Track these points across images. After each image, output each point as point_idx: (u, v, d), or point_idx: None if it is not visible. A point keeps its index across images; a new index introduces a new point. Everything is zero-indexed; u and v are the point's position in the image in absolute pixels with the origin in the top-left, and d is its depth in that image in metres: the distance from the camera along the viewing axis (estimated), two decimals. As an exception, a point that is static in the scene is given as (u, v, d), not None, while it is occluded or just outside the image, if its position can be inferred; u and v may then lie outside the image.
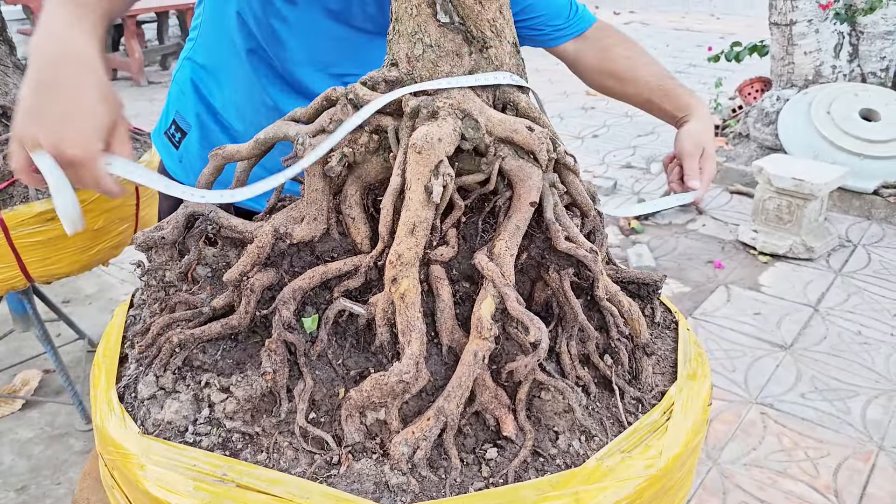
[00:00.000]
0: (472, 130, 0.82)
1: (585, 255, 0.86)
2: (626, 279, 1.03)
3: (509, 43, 0.87)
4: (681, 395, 0.89)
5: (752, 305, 2.91)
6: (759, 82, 4.75)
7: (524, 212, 0.83)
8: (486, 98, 0.86)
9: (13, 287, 1.80)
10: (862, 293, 2.99)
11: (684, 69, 7.10)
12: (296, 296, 0.84)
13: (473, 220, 0.89)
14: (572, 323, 0.87)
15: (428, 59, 0.85)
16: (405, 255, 0.80)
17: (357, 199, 0.89)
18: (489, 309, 0.80)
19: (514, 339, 0.84)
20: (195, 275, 0.97)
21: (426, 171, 0.79)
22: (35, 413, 2.30)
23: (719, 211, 3.82)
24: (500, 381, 0.83)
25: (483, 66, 0.86)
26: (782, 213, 3.28)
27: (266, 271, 0.87)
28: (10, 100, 1.81)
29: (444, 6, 0.84)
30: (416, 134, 0.79)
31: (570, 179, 0.89)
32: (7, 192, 1.69)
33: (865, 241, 3.46)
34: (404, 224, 0.80)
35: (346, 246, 0.90)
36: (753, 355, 2.58)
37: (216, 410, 0.81)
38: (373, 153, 0.87)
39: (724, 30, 9.12)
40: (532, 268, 0.91)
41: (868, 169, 3.70)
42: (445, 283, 0.85)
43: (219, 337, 0.86)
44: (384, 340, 0.84)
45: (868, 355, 2.58)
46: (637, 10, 10.97)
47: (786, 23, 4.21)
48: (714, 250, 3.38)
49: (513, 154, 0.84)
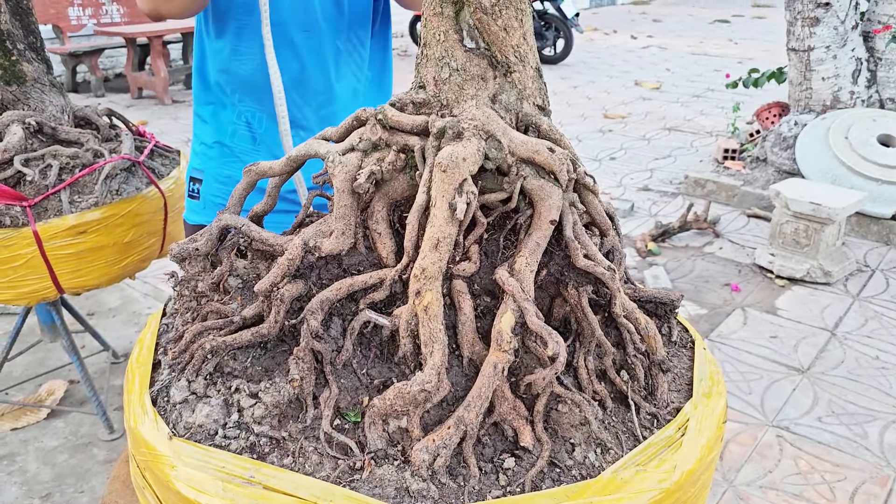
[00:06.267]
0: (496, 151, 0.85)
1: (603, 272, 0.89)
2: (644, 298, 1.06)
3: (532, 68, 0.91)
4: (696, 412, 0.91)
5: (769, 329, 2.91)
6: (776, 107, 4.76)
7: (544, 230, 0.86)
8: (510, 120, 0.90)
9: (44, 297, 1.85)
10: (880, 318, 2.98)
11: (702, 93, 7.13)
12: (323, 306, 0.88)
13: (495, 236, 0.92)
14: (590, 338, 0.90)
15: (454, 82, 0.89)
16: (429, 269, 0.83)
17: (384, 215, 0.93)
18: (509, 323, 0.83)
19: (533, 352, 0.87)
20: (227, 285, 1.01)
21: (451, 189, 0.82)
22: (60, 422, 2.35)
23: (736, 234, 3.83)
24: (519, 393, 0.86)
25: (507, 90, 0.90)
26: (799, 237, 3.28)
27: (295, 283, 0.91)
28: (48, 116, 1.88)
29: (471, 32, 0.88)
30: (442, 153, 0.83)
31: (589, 199, 0.92)
32: (42, 206, 1.74)
33: (884, 267, 3.45)
34: (429, 239, 0.83)
35: (372, 259, 0.94)
36: (770, 378, 2.58)
37: (245, 415, 0.84)
38: (399, 171, 0.90)
39: (742, 54, 9.16)
40: (551, 284, 0.93)
41: (886, 194, 3.70)
42: (467, 297, 0.88)
43: (249, 345, 0.90)
44: (407, 351, 0.87)
45: (885, 380, 2.57)
46: (655, 35, 11.03)
47: (804, 49, 4.23)
48: (731, 273, 3.39)
49: (534, 174, 0.87)
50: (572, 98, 6.99)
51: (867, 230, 3.75)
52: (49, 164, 1.79)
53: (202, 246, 1.00)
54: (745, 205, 4.15)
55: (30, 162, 1.78)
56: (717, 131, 5.70)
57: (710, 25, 11.98)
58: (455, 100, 0.89)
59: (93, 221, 1.76)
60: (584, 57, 9.13)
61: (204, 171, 1.60)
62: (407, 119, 0.88)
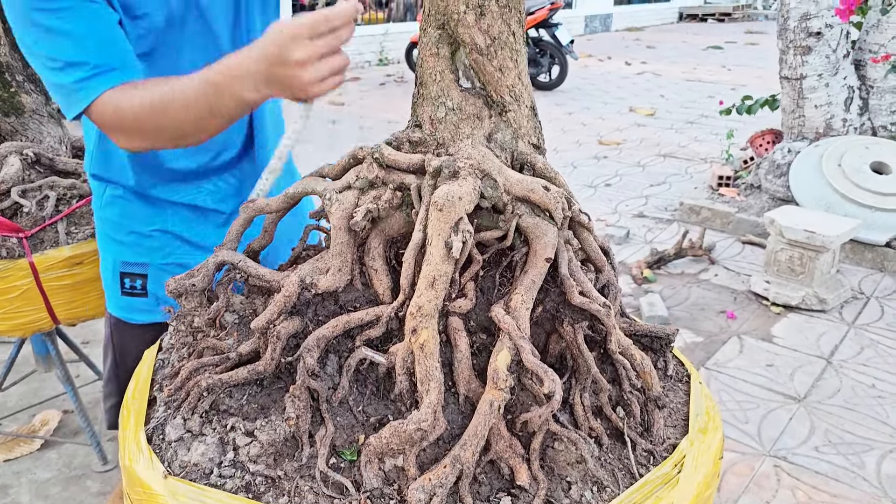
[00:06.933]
0: (491, 189, 0.86)
1: (599, 309, 0.90)
2: (640, 332, 1.06)
3: (527, 107, 0.92)
4: (692, 449, 0.91)
5: (765, 357, 2.91)
6: (770, 134, 4.80)
7: (540, 267, 0.87)
8: (505, 158, 0.91)
9: (40, 329, 1.85)
10: (875, 346, 2.99)
11: (696, 119, 7.19)
12: (319, 344, 0.88)
13: (491, 273, 0.93)
14: (585, 375, 0.90)
15: (450, 121, 0.90)
16: (425, 307, 0.84)
17: (380, 252, 0.93)
18: (505, 361, 0.83)
19: (529, 389, 0.87)
20: (223, 321, 1.01)
21: (447, 228, 0.83)
22: (53, 454, 2.33)
23: (731, 261, 3.84)
24: (515, 431, 0.86)
25: (502, 129, 0.91)
26: (794, 265, 3.29)
27: (292, 319, 0.91)
28: (45, 147, 1.89)
29: (467, 73, 0.89)
30: (438, 192, 0.83)
31: (584, 236, 0.93)
32: (38, 237, 1.75)
33: (878, 294, 3.46)
34: (425, 277, 0.84)
35: (368, 296, 0.94)
36: (767, 407, 2.58)
37: (241, 454, 0.84)
38: (396, 209, 0.91)
39: (735, 81, 9.25)
40: (547, 320, 0.94)
41: (880, 221, 3.72)
42: (463, 334, 0.88)
43: (245, 382, 0.90)
44: (403, 389, 0.87)
45: (882, 409, 2.57)
46: (649, 61, 11.14)
47: (796, 77, 4.28)
48: (727, 300, 3.40)
49: (529, 212, 0.88)
50: (567, 124, 7.04)
51: (862, 257, 3.77)
52: (46, 195, 1.80)
53: (199, 282, 1.01)
54: (740, 232, 4.17)
55: (27, 193, 1.79)
56: (711, 158, 5.74)
57: (704, 52, 12.11)
58: (451, 138, 0.90)
59: (89, 253, 1.76)
60: (579, 83, 9.21)
61: (148, 264, 1.36)
62: (403, 158, 0.89)
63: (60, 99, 1.08)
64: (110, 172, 1.32)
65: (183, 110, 1.01)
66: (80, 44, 1.02)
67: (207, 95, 0.98)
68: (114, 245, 1.36)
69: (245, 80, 0.95)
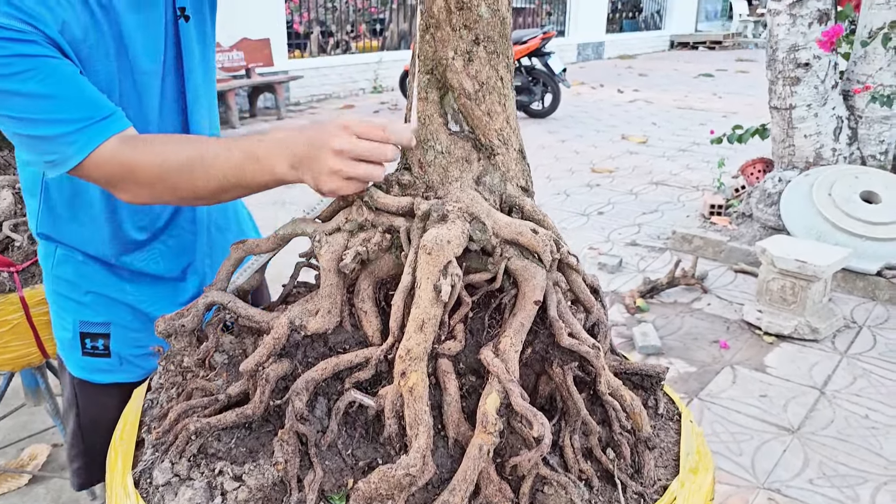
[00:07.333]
0: (480, 233, 0.86)
1: (588, 350, 0.90)
2: (630, 370, 1.06)
3: (515, 150, 0.93)
4: (682, 490, 0.91)
5: (758, 387, 2.91)
6: (760, 163, 4.85)
7: (529, 310, 0.87)
8: (494, 201, 0.91)
9: (30, 363, 1.84)
10: (868, 376, 2.99)
11: (688, 147, 7.25)
12: (308, 387, 0.88)
13: (480, 315, 0.93)
14: (575, 417, 0.90)
15: (439, 164, 0.91)
16: (414, 350, 0.84)
17: (369, 294, 0.93)
18: (494, 404, 0.83)
19: (519, 433, 0.87)
20: (212, 361, 1.01)
21: (436, 271, 0.83)
22: (41, 489, 2.30)
23: (724, 290, 3.85)
24: (505, 475, 0.86)
25: (491, 172, 0.91)
26: (786, 294, 3.31)
27: (281, 362, 0.91)
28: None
29: (455, 116, 0.90)
30: (427, 236, 0.84)
31: (573, 278, 0.94)
32: (29, 271, 1.74)
33: (870, 323, 3.47)
34: (414, 320, 0.84)
35: (358, 338, 0.94)
36: (760, 439, 2.57)
37: (228, 499, 0.83)
38: (385, 251, 0.92)
39: (726, 108, 9.34)
40: (536, 362, 0.94)
41: (870, 250, 3.74)
42: (452, 376, 0.88)
43: (233, 425, 0.89)
44: (392, 432, 0.86)
45: (876, 440, 2.56)
46: (641, 89, 11.26)
47: (785, 107, 4.33)
48: (719, 330, 3.40)
49: (518, 254, 0.89)
50: (560, 152, 7.09)
51: (853, 286, 3.79)
52: (38, 228, 1.79)
53: (188, 322, 1.01)
54: (732, 260, 4.19)
55: (19, 227, 1.79)
56: (703, 185, 5.78)
57: (695, 80, 12.25)
58: (440, 181, 0.91)
59: (80, 286, 1.76)
60: (572, 111, 9.29)
61: (110, 322, 1.29)
62: (392, 201, 0.89)
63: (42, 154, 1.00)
64: (61, 234, 1.25)
65: (208, 175, 0.97)
66: (59, 102, 0.96)
67: (244, 166, 0.95)
68: (71, 304, 1.28)
69: (285, 156, 0.92)
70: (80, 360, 1.30)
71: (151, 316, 1.28)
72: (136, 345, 1.30)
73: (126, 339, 1.30)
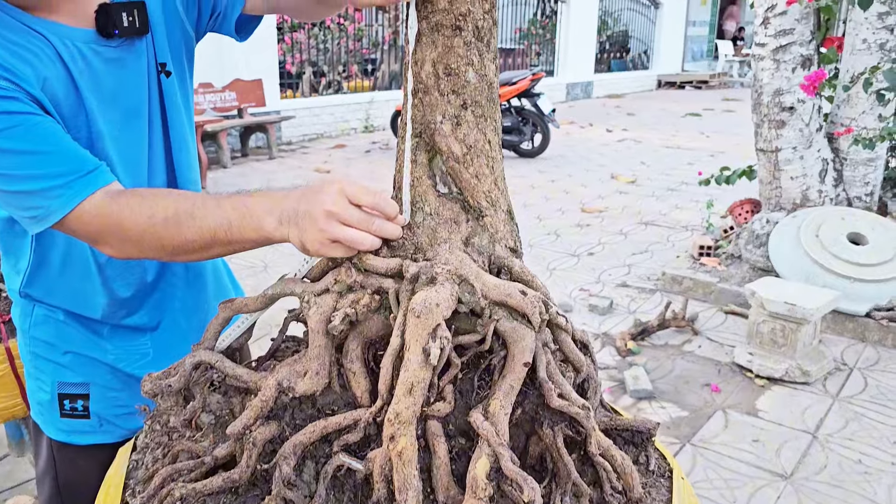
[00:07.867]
0: (469, 295, 0.87)
1: (578, 412, 0.89)
2: (620, 427, 1.06)
3: (504, 211, 0.94)
4: (674, 552, 0.90)
5: (750, 432, 2.89)
6: (748, 203, 4.89)
7: (518, 372, 0.87)
8: (482, 262, 0.92)
9: (14, 416, 1.81)
10: (860, 419, 2.98)
11: (677, 187, 7.31)
12: (296, 450, 0.87)
13: (470, 376, 0.93)
14: (566, 479, 0.90)
15: (428, 225, 0.91)
16: (403, 413, 0.83)
17: (358, 354, 0.93)
18: (484, 468, 0.82)
19: (509, 496, 0.86)
20: (199, 422, 1.00)
21: (424, 335, 0.83)
22: (22, 540, 2.26)
23: (714, 332, 3.85)
24: (495, 541, 0.85)
25: (479, 233, 0.92)
26: (777, 337, 3.31)
27: (268, 424, 0.90)
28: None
29: (444, 178, 0.91)
30: (416, 299, 0.84)
31: (562, 338, 0.94)
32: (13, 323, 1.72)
33: (861, 365, 3.47)
34: (403, 384, 0.84)
35: (346, 399, 0.94)
36: (754, 485, 2.55)
37: (213, 568, 0.82)
38: (374, 312, 0.91)
39: (714, 148, 9.46)
40: (526, 422, 0.93)
41: (859, 292, 3.76)
42: (442, 439, 0.87)
43: (220, 490, 0.88)
44: (381, 496, 0.85)
45: (869, 486, 2.54)
46: (629, 128, 11.39)
47: (771, 150, 4.39)
48: (711, 373, 3.40)
49: (507, 316, 0.89)
50: (550, 192, 7.14)
51: (843, 327, 3.80)
52: (26, 277, 1.78)
53: (175, 382, 1.00)
54: (722, 302, 4.20)
55: (6, 276, 1.77)
56: (692, 225, 5.82)
57: (683, 119, 12.41)
58: (429, 243, 0.91)
59: (67, 336, 1.74)
60: (562, 150, 9.38)
61: (89, 383, 1.25)
62: (381, 263, 0.90)
63: (25, 209, 1.00)
64: (48, 292, 1.22)
65: (198, 230, 0.97)
66: (42, 157, 0.97)
67: (231, 221, 0.95)
68: (49, 365, 1.25)
69: (275, 211, 0.92)
70: (59, 422, 1.27)
71: (132, 375, 1.27)
72: (116, 404, 1.27)
73: (106, 398, 1.26)
